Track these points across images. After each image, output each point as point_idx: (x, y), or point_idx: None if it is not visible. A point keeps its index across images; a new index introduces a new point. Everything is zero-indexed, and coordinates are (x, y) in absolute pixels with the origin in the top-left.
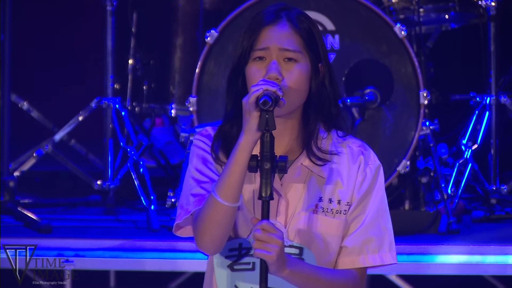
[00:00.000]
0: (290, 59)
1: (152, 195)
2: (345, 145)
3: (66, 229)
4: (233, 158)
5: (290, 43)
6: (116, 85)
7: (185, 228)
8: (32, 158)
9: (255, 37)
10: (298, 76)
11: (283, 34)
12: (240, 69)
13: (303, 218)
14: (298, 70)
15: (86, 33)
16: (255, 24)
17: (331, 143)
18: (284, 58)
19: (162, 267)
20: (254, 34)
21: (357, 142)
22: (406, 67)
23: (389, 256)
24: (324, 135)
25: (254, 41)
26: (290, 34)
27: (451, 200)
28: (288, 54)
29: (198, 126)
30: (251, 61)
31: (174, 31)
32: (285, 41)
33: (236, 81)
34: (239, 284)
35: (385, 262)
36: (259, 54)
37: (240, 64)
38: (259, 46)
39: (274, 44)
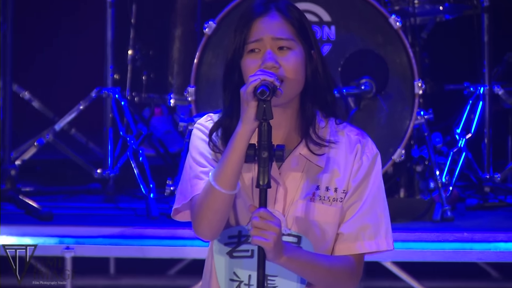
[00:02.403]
0: (284, 48)
1: (151, 183)
2: (344, 133)
3: (66, 216)
4: (231, 147)
5: (283, 32)
6: (115, 76)
7: (184, 212)
8: (33, 147)
9: (247, 30)
10: (294, 63)
11: (274, 24)
12: (235, 63)
13: (300, 206)
14: (294, 58)
15: (86, 24)
16: (245, 18)
17: (329, 132)
18: (278, 47)
19: (162, 254)
20: (246, 28)
21: (355, 131)
22: (401, 58)
23: (385, 243)
24: (322, 124)
25: (246, 34)
26: (281, 23)
27: (445, 188)
28: (281, 43)
29: (196, 115)
30: (246, 54)
31: (173, 22)
32: (278, 31)
33: (232, 75)
34: (237, 271)
35: (381, 248)
36: (253, 47)
37: (235, 58)
38: (252, 39)
39: (267, 34)
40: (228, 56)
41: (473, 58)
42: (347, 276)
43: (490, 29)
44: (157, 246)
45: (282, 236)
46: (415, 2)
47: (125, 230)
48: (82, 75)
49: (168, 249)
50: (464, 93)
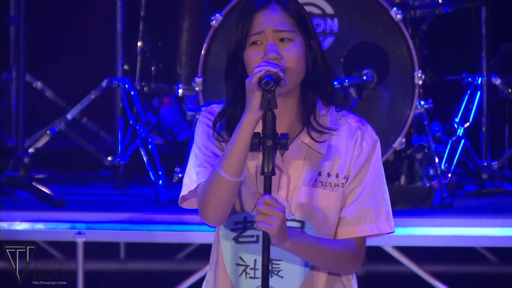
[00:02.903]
0: (286, 39)
1: (160, 170)
2: (344, 120)
3: (78, 202)
4: (236, 135)
5: (284, 24)
6: (125, 66)
7: (190, 200)
8: (46, 135)
9: (249, 23)
10: (295, 54)
11: (275, 16)
12: (237, 55)
13: (303, 192)
14: (295, 48)
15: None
16: (247, 11)
17: (329, 119)
18: (279, 39)
19: (170, 238)
20: (247, 20)
21: (355, 118)
22: (401, 49)
23: (386, 225)
24: (323, 112)
25: (248, 27)
26: (282, 15)
27: (444, 175)
28: (282, 35)
29: (203, 105)
30: (248, 46)
31: (181, 15)
32: (279, 23)
33: (235, 67)
34: (243, 255)
35: (382, 231)
36: (255, 39)
37: (237, 50)
38: (254, 31)
39: (268, 27)
40: (230, 48)
41: (471, 50)
42: (350, 259)
43: (487, 22)
44: (166, 231)
45: (286, 221)
46: None
47: (135, 215)
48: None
49: (176, 234)
50: (463, 83)
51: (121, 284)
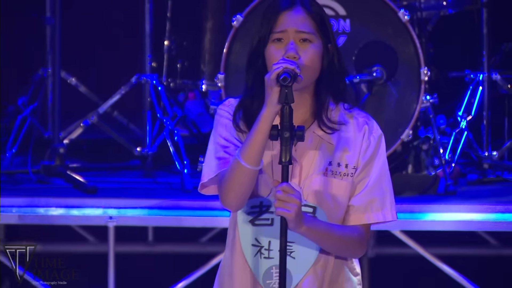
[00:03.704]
0: (305, 40)
1: (185, 160)
2: (352, 116)
3: (109, 190)
4: (256, 127)
5: (305, 26)
6: (153, 64)
7: (209, 187)
8: (79, 127)
9: (273, 21)
10: (312, 54)
11: (298, 18)
12: (260, 50)
13: (315, 180)
14: (313, 50)
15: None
16: (272, 10)
17: (339, 114)
18: (299, 39)
19: (194, 223)
20: (272, 18)
21: (362, 114)
22: (409, 48)
23: (390, 214)
24: (333, 107)
25: (273, 24)
26: (305, 18)
27: (449, 164)
28: (303, 36)
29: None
30: (270, 43)
31: (204, 16)
32: (301, 24)
33: (256, 61)
34: (259, 237)
35: (387, 219)
36: (277, 36)
37: (260, 45)
38: (278, 29)
39: (291, 27)
40: (253, 43)
41: (473, 48)
42: (357, 244)
43: (488, 22)
44: (190, 216)
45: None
46: None
47: (162, 202)
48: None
49: (200, 219)
50: (465, 80)
51: (149, 265)
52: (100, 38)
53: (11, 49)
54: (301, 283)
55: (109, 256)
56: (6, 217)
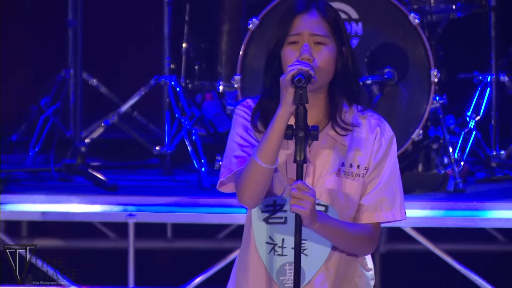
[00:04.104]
0: (320, 43)
1: (203, 158)
2: (364, 118)
3: (129, 187)
4: (272, 127)
5: (320, 29)
6: (172, 65)
7: (228, 185)
8: (100, 127)
9: (289, 24)
10: (326, 57)
11: (313, 21)
12: (276, 52)
13: (328, 179)
14: (326, 52)
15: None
16: (289, 13)
17: (352, 116)
18: (314, 42)
19: (211, 220)
20: (288, 22)
21: (375, 116)
22: (419, 50)
23: (399, 213)
24: (347, 109)
25: (288, 27)
26: (319, 21)
27: (458, 163)
28: (317, 39)
29: (241, 100)
30: (286, 45)
31: (221, 19)
32: (315, 27)
33: (273, 63)
34: (272, 235)
35: (396, 218)
36: (293, 39)
37: (277, 48)
38: (293, 32)
39: (306, 30)
40: (270, 45)
41: (482, 51)
42: (367, 241)
43: (496, 26)
44: (208, 213)
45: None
46: (431, 1)
47: (180, 199)
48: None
49: (217, 215)
50: (474, 81)
51: (167, 261)
52: (121, 41)
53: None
54: (314, 280)
55: (129, 251)
56: (29, 214)
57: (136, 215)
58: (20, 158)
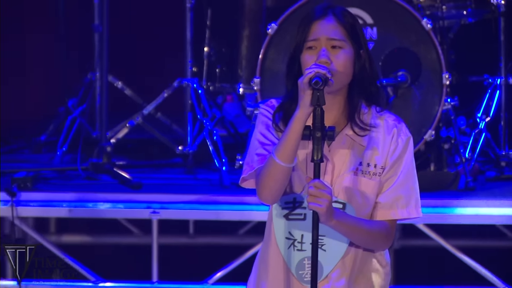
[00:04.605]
0: (336, 47)
1: (224, 158)
2: (382, 119)
3: (153, 186)
4: (290, 127)
5: (336, 34)
6: (194, 68)
7: (249, 181)
8: (125, 128)
9: (307, 30)
10: (343, 60)
11: (330, 26)
12: (296, 57)
13: (346, 178)
14: (343, 55)
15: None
16: (307, 20)
17: (371, 117)
18: (331, 46)
19: (232, 216)
20: (306, 28)
21: (392, 117)
22: (431, 54)
23: (415, 211)
24: (365, 110)
25: (307, 33)
26: (336, 26)
27: (468, 162)
28: (334, 43)
29: (261, 102)
30: (305, 50)
31: (241, 24)
32: (332, 32)
33: (293, 66)
34: (292, 231)
35: (411, 216)
36: (311, 44)
37: (296, 53)
38: (311, 38)
39: (323, 35)
40: (290, 50)
41: (492, 54)
42: (383, 238)
43: (505, 30)
44: (229, 210)
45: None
46: (443, 7)
47: (202, 197)
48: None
49: (237, 213)
50: (484, 84)
51: (190, 256)
52: (145, 45)
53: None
54: (331, 274)
55: (153, 247)
56: (57, 211)
57: (159, 212)
58: (48, 158)
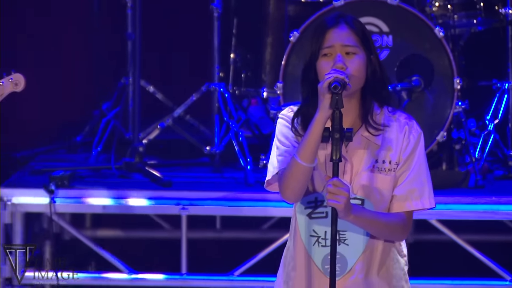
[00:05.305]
0: (351, 53)
1: (249, 157)
2: (395, 118)
3: (182, 184)
4: (310, 129)
5: (350, 40)
6: (221, 74)
7: (274, 184)
8: (156, 129)
9: (322, 38)
10: (357, 65)
11: (343, 34)
12: (311, 64)
13: (363, 176)
14: (357, 61)
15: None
16: (320, 29)
17: (383, 117)
18: (346, 52)
19: (256, 213)
20: (321, 36)
21: (403, 115)
22: (443, 60)
23: (428, 202)
24: (378, 111)
25: (321, 41)
26: (349, 33)
27: (478, 162)
28: (349, 49)
29: (283, 105)
30: (321, 57)
31: (265, 33)
32: (346, 39)
33: (309, 73)
34: (315, 228)
35: (425, 206)
36: (326, 51)
37: (312, 60)
38: (326, 45)
39: (337, 42)
40: (306, 58)
41: (500, 61)
42: (400, 229)
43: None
44: (253, 207)
45: (350, 199)
46: (455, 16)
47: (228, 194)
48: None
49: (261, 209)
50: (493, 88)
51: (216, 249)
52: (175, 52)
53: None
54: (355, 266)
55: (182, 241)
56: (92, 207)
57: (188, 209)
58: (84, 157)
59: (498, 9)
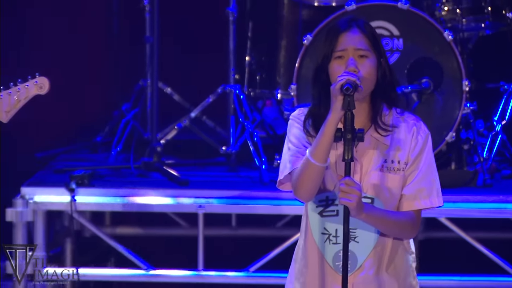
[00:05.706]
0: (363, 56)
1: (263, 157)
2: (403, 119)
3: (199, 182)
4: (323, 130)
5: (362, 44)
6: (236, 76)
7: (286, 184)
8: (174, 129)
9: (335, 42)
10: (369, 68)
11: (356, 37)
12: (324, 66)
13: (373, 175)
14: (369, 64)
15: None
16: (333, 32)
17: (392, 118)
18: (358, 55)
19: (271, 211)
20: (334, 40)
21: (411, 116)
22: (452, 63)
23: (437, 200)
24: (386, 112)
25: (334, 44)
26: (361, 37)
27: (486, 162)
28: (361, 52)
29: (297, 106)
30: (333, 60)
31: (280, 36)
32: (358, 43)
33: (321, 75)
34: (326, 226)
35: (434, 205)
36: (339, 54)
37: (324, 63)
38: (339, 48)
39: (350, 45)
40: (318, 61)
41: (507, 63)
42: (409, 227)
43: None
44: (267, 205)
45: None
46: (463, 20)
47: (243, 193)
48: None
49: (276, 207)
50: (500, 90)
51: (232, 246)
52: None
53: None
54: (365, 263)
55: (199, 238)
56: (111, 205)
57: (205, 207)
58: (104, 157)
59: (505, 13)
